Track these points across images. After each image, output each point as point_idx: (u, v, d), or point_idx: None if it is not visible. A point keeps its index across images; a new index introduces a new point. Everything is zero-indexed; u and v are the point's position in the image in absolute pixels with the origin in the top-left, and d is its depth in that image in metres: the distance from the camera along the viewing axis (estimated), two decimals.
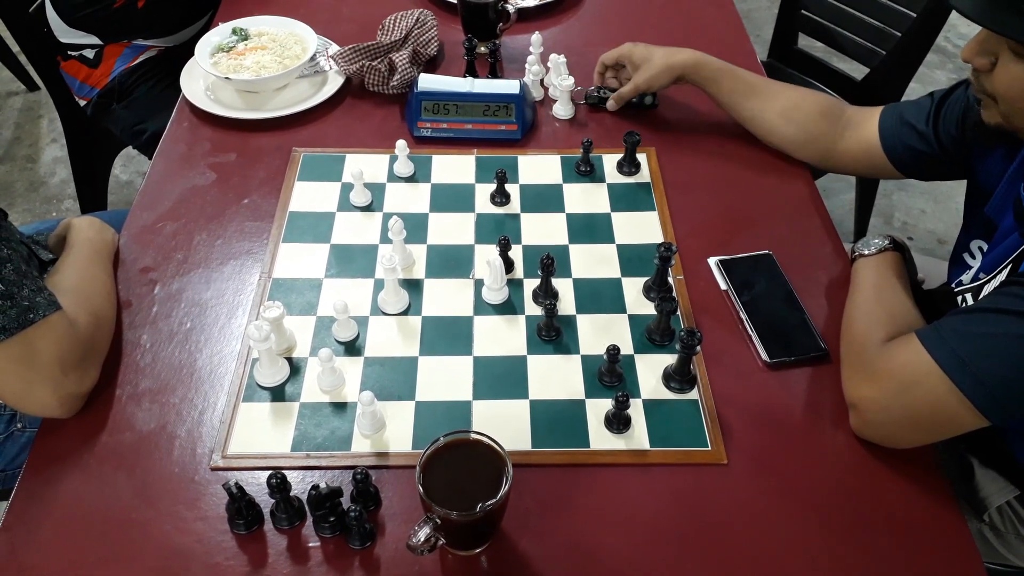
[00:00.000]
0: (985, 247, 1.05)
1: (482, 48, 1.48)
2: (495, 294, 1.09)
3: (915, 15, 1.75)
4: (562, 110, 1.40)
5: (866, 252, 1.08)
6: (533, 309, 1.09)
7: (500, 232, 1.16)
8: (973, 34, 0.92)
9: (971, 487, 1.10)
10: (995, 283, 0.95)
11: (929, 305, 1.03)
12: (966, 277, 1.04)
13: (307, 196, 1.25)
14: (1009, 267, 0.93)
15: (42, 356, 0.90)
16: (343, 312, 1.02)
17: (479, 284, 1.12)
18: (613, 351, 0.97)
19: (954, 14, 0.87)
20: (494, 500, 0.78)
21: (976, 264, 1.05)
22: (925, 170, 1.16)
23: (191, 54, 1.42)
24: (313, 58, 1.44)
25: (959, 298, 1.01)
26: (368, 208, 1.23)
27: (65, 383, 0.91)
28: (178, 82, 1.43)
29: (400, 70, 1.39)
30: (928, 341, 0.88)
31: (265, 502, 0.88)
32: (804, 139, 1.26)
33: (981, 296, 0.96)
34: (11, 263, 0.90)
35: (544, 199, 1.25)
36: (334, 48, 1.49)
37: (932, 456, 0.94)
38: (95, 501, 0.89)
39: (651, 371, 1.02)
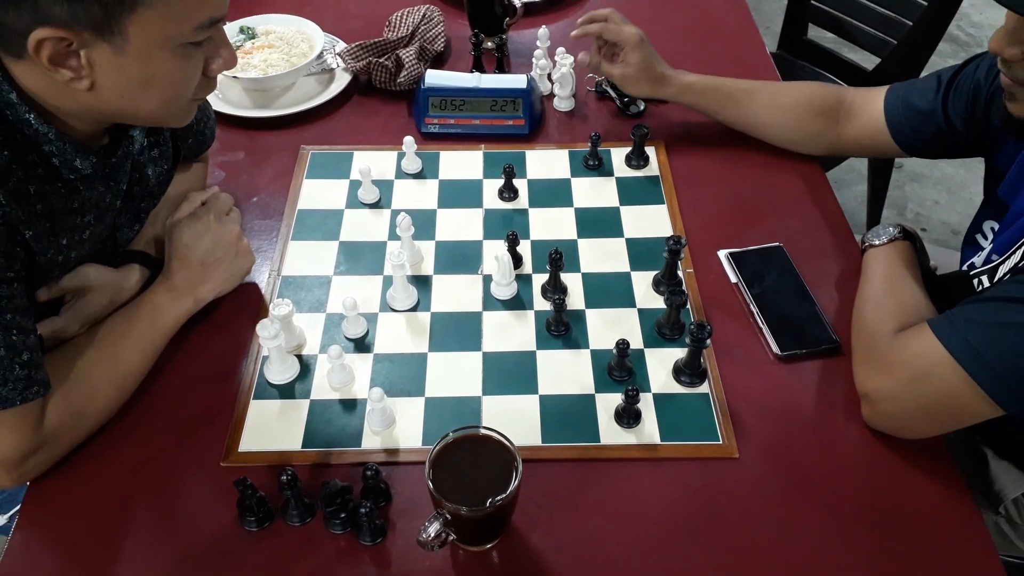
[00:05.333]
0: (996, 227, 1.04)
1: (489, 43, 1.48)
2: (504, 289, 1.09)
3: (926, 3, 1.74)
4: (563, 102, 1.39)
5: (876, 242, 1.07)
6: (542, 304, 1.09)
7: (508, 227, 1.16)
8: (986, 23, 0.89)
9: (986, 479, 1.09)
10: (1009, 264, 0.93)
11: (943, 290, 1.02)
12: (978, 260, 1.03)
13: (315, 194, 1.25)
14: (1022, 251, 0.91)
15: None
16: (352, 309, 1.03)
17: (488, 280, 1.12)
18: (623, 345, 0.96)
19: (966, 2, 0.84)
20: (504, 495, 0.78)
21: (988, 245, 1.03)
22: (937, 152, 1.15)
23: None
24: (320, 56, 1.44)
25: (975, 280, 1.00)
26: (376, 205, 1.23)
27: (19, 468, 0.86)
28: None
29: (407, 66, 1.38)
30: (941, 331, 0.87)
31: (276, 499, 0.88)
32: (805, 140, 1.26)
33: (996, 278, 0.95)
34: None
35: (552, 194, 1.25)
36: (341, 45, 1.49)
37: (946, 448, 0.93)
38: (106, 500, 0.89)
39: (661, 365, 1.02)
